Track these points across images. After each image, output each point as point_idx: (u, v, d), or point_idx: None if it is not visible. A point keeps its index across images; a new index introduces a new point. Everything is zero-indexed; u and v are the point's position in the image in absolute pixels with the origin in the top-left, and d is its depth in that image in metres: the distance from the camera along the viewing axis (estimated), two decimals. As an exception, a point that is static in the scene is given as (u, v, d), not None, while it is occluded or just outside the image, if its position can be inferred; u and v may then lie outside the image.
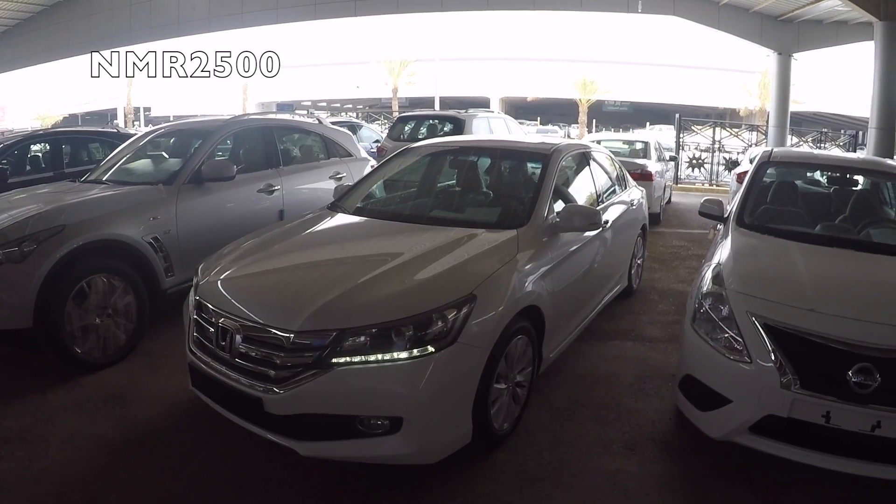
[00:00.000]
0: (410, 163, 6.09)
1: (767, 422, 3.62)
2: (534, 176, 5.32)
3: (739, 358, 3.73)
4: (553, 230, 4.74)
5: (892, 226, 5.54)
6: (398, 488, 3.61)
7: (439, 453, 3.55)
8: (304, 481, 3.67)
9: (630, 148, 14.90)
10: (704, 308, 4.12)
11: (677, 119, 23.47)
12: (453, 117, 14.69)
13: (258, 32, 28.47)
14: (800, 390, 3.48)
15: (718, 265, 4.44)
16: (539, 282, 4.30)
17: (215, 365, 3.70)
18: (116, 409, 4.52)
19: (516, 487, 3.68)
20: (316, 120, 9.54)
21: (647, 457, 4.07)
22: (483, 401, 3.68)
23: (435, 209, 5.33)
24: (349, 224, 4.97)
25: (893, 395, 3.38)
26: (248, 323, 3.57)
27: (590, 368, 5.36)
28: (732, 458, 3.99)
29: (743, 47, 27.73)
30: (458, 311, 3.51)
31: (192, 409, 4.37)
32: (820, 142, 24.56)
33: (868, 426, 3.39)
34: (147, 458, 3.87)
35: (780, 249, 4.76)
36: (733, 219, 5.28)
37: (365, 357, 3.35)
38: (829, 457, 3.54)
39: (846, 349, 3.48)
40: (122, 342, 5.29)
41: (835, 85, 50.80)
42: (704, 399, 3.92)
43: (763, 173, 6.15)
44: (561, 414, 4.56)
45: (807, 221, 5.41)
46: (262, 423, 3.51)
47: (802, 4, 21.84)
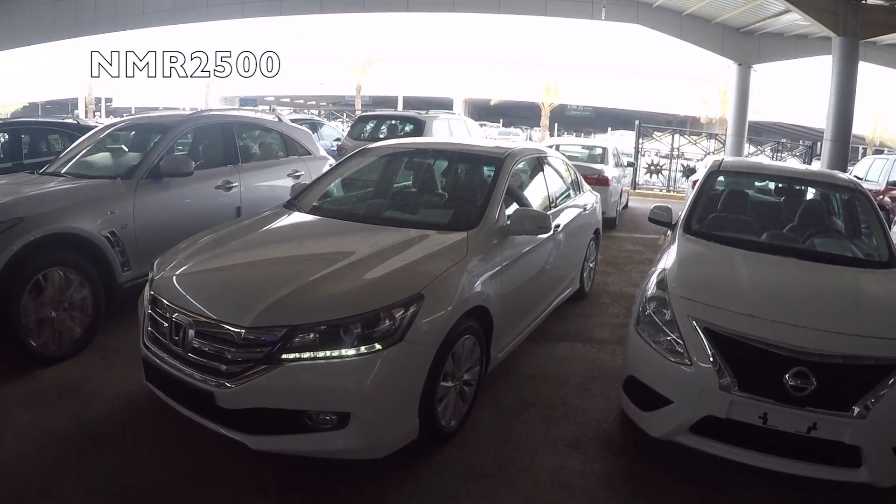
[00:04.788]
0: (368, 163, 6.12)
1: (707, 422, 3.72)
2: (488, 179, 5.39)
3: (680, 360, 3.83)
4: (504, 233, 4.82)
5: (836, 236, 5.67)
6: (347, 482, 3.66)
7: (387, 448, 3.61)
8: (256, 475, 3.71)
9: (588, 153, 15.04)
10: (648, 311, 4.22)
11: (637, 125, 23.69)
12: (414, 118, 14.73)
13: (221, 27, 28.34)
14: (738, 392, 3.59)
15: (663, 270, 4.54)
16: (488, 283, 4.39)
17: (169, 359, 3.72)
18: (71, 402, 4.50)
19: (462, 483, 3.75)
20: (276, 117, 9.54)
21: (591, 455, 4.16)
22: (430, 398, 3.75)
23: (389, 210, 5.37)
24: (304, 223, 5.00)
25: (829, 398, 3.50)
26: (201, 318, 3.60)
27: (538, 369, 5.45)
28: (674, 457, 4.09)
29: (704, 57, 28.08)
30: (405, 309, 3.57)
31: (145, 402, 4.36)
32: (777, 152, 24.95)
33: (804, 428, 3.51)
34: (101, 452, 3.88)
35: (725, 256, 4.88)
36: (681, 225, 5.39)
37: (314, 353, 3.41)
38: (766, 457, 3.66)
39: (783, 353, 3.60)
40: (77, 336, 5.25)
41: (794, 96, 51.69)
42: (647, 399, 4.02)
43: (713, 182, 6.29)
44: (508, 412, 4.64)
45: (754, 230, 5.54)
46: (214, 417, 3.54)
47: (764, 17, 22.26)
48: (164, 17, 25.25)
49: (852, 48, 18.04)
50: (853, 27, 17.86)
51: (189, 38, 27.53)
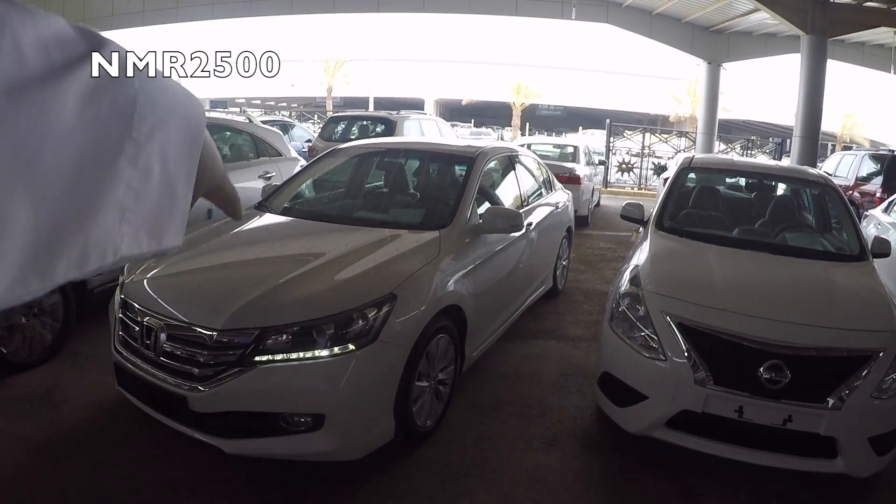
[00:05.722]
0: (339, 163, 6.11)
1: (683, 417, 3.75)
2: (459, 178, 5.39)
3: (655, 356, 3.86)
4: (476, 231, 4.82)
5: (807, 230, 5.74)
6: (323, 485, 3.64)
7: (362, 450, 3.59)
8: (231, 479, 3.67)
9: (560, 152, 15.11)
10: (622, 308, 4.23)
11: (608, 124, 23.83)
12: (385, 118, 14.71)
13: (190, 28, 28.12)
14: (713, 386, 3.62)
15: (636, 267, 4.56)
16: (461, 282, 4.38)
17: (141, 364, 3.67)
18: (43, 409, 4.43)
19: (439, 482, 3.74)
20: (246, 119, 9.49)
21: (567, 452, 4.17)
22: (405, 398, 3.73)
23: (361, 210, 5.35)
24: (275, 224, 4.97)
25: (803, 390, 3.54)
26: (173, 321, 3.56)
27: (513, 367, 5.45)
28: (651, 453, 4.10)
29: (674, 56, 28.29)
30: (378, 310, 3.56)
31: (118, 408, 4.31)
32: (747, 149, 25.19)
33: (780, 420, 3.55)
34: (74, 459, 3.81)
35: (697, 252, 4.91)
36: (653, 222, 5.42)
37: (287, 355, 3.38)
38: (743, 449, 3.69)
39: (757, 347, 3.63)
40: (48, 342, 5.16)
41: (764, 94, 52.23)
42: (622, 395, 4.03)
43: (684, 178, 6.33)
44: (484, 411, 4.63)
45: (726, 225, 5.60)
46: (188, 421, 3.50)
47: (733, 16, 22.46)
48: (133, 19, 25.09)
49: (820, 46, 18.27)
50: (821, 25, 18.08)
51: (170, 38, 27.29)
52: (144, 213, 0.61)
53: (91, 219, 0.56)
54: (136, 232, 0.61)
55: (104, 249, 0.58)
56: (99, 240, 0.57)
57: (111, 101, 0.57)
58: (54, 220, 0.53)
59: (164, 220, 0.64)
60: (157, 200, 0.62)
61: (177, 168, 0.64)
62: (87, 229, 0.56)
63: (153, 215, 0.62)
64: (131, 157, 0.58)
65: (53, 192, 0.52)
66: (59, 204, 0.53)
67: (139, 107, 0.59)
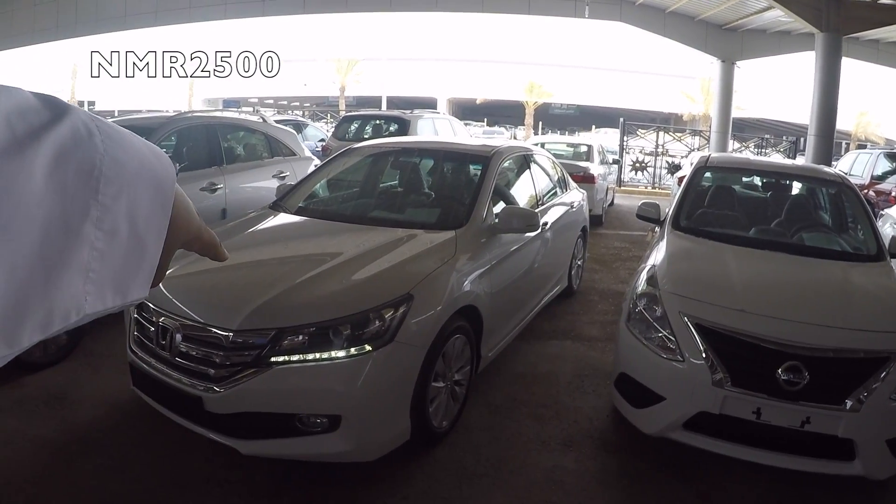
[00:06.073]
0: (353, 163, 6.11)
1: (700, 418, 3.72)
2: (474, 177, 5.38)
3: (672, 357, 3.83)
4: (492, 231, 4.81)
5: (824, 230, 5.70)
6: (339, 486, 3.63)
7: (378, 451, 3.58)
8: (246, 480, 3.66)
9: (574, 151, 15.06)
10: (639, 308, 4.21)
11: (622, 123, 23.73)
12: (398, 117, 14.69)
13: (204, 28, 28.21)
14: (731, 388, 3.59)
15: (653, 267, 4.54)
16: (477, 282, 4.37)
17: (156, 364, 3.67)
18: (57, 409, 4.44)
19: (455, 484, 3.72)
20: (260, 118, 9.50)
21: (584, 453, 4.15)
22: (421, 399, 3.72)
23: (376, 209, 5.35)
24: (290, 223, 4.97)
25: (822, 392, 3.51)
26: (188, 322, 3.56)
27: (529, 367, 5.43)
28: (668, 454, 4.08)
29: (688, 54, 28.16)
30: (395, 310, 3.54)
31: (133, 408, 4.31)
32: (762, 147, 25.05)
33: (798, 422, 3.51)
34: (89, 459, 3.82)
35: (714, 252, 4.88)
36: (669, 222, 5.39)
37: (303, 356, 3.37)
38: (760, 451, 3.65)
39: (776, 348, 3.60)
40: (63, 342, 5.17)
41: (778, 93, 51.92)
42: (639, 397, 4.01)
43: (700, 178, 6.30)
44: (500, 412, 4.62)
45: (742, 225, 5.56)
46: (203, 421, 3.50)
47: (747, 14, 22.32)
48: (146, 19, 25.12)
49: (835, 44, 18.14)
50: (836, 23, 17.96)
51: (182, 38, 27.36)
52: (109, 272, 0.61)
53: (55, 282, 0.56)
54: (100, 290, 0.61)
55: (68, 311, 0.58)
56: (63, 302, 0.57)
57: (76, 167, 0.57)
58: (21, 288, 0.53)
59: (130, 276, 0.64)
60: (124, 259, 0.63)
61: (147, 225, 0.65)
62: (52, 293, 0.56)
63: (119, 273, 0.63)
64: (97, 219, 0.58)
65: (22, 260, 0.52)
66: (26, 271, 0.53)
67: (105, 170, 0.59)
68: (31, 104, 0.56)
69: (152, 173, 0.66)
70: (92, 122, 0.61)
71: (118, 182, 0.60)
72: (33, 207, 0.53)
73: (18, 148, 0.53)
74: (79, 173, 0.57)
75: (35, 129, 0.55)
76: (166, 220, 0.68)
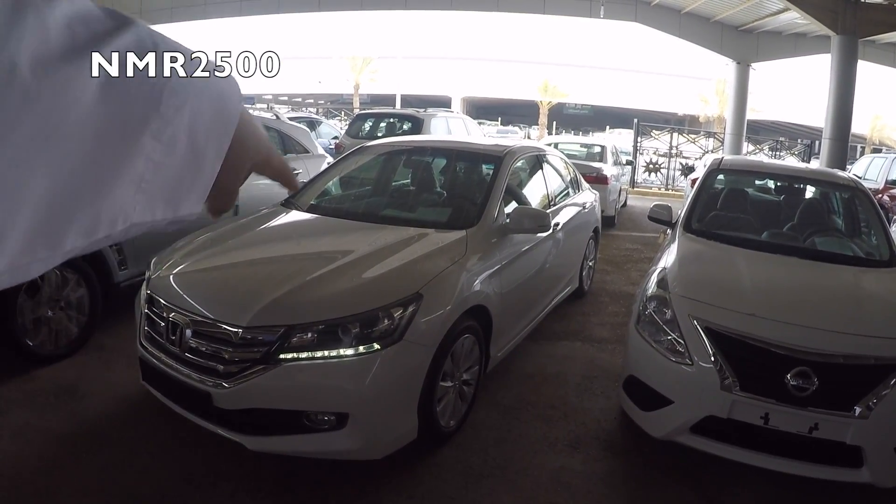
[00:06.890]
0: (366, 161, 6.11)
1: (708, 422, 3.70)
2: (487, 177, 5.37)
3: (681, 360, 3.81)
4: (503, 231, 4.80)
5: (837, 235, 5.67)
6: (346, 483, 3.63)
7: (385, 449, 3.58)
8: (253, 475, 3.67)
9: (587, 151, 15.03)
10: (648, 311, 4.20)
11: (636, 124, 23.65)
12: (412, 116, 14.70)
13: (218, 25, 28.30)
14: (739, 392, 3.57)
15: (664, 269, 4.52)
16: (487, 282, 4.36)
17: (165, 359, 3.69)
18: (68, 402, 4.46)
19: (461, 483, 3.72)
20: (274, 115, 9.53)
21: (591, 455, 4.14)
22: (429, 398, 3.72)
23: (387, 208, 5.36)
24: (302, 221, 4.97)
25: (830, 398, 3.49)
26: (198, 318, 3.57)
27: (538, 368, 5.42)
28: (675, 458, 4.07)
29: (703, 55, 28.10)
30: (404, 309, 3.54)
31: (142, 402, 4.33)
32: (776, 150, 24.96)
33: (806, 428, 3.49)
34: (98, 452, 3.84)
35: (725, 255, 4.86)
36: (681, 224, 5.37)
37: (312, 353, 3.38)
38: (768, 457, 3.63)
39: (785, 353, 3.57)
40: (74, 335, 5.20)
41: (793, 95, 51.79)
42: (647, 399, 4.00)
43: (713, 180, 6.28)
44: (508, 412, 4.61)
45: (754, 228, 5.53)
46: (211, 417, 3.51)
47: (763, 16, 22.28)
48: (161, 15, 25.26)
49: (851, 47, 18.08)
50: (852, 26, 17.89)
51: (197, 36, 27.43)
52: (163, 184, 0.61)
53: (105, 189, 0.56)
54: (151, 201, 0.61)
55: (115, 218, 0.58)
56: (111, 209, 0.57)
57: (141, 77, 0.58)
58: (70, 193, 0.53)
59: (184, 190, 0.65)
60: (179, 172, 0.63)
61: (207, 141, 0.65)
62: (101, 199, 0.56)
63: (173, 186, 0.63)
64: (156, 130, 0.59)
65: (72, 166, 0.53)
66: (77, 177, 0.53)
67: (171, 82, 0.60)
68: (94, 13, 0.56)
69: (218, 91, 0.66)
70: (158, 36, 0.61)
71: (182, 95, 0.61)
72: (87, 115, 0.53)
73: (77, 54, 0.53)
74: (143, 84, 0.58)
75: (98, 35, 0.55)
76: (228, 138, 0.68)
